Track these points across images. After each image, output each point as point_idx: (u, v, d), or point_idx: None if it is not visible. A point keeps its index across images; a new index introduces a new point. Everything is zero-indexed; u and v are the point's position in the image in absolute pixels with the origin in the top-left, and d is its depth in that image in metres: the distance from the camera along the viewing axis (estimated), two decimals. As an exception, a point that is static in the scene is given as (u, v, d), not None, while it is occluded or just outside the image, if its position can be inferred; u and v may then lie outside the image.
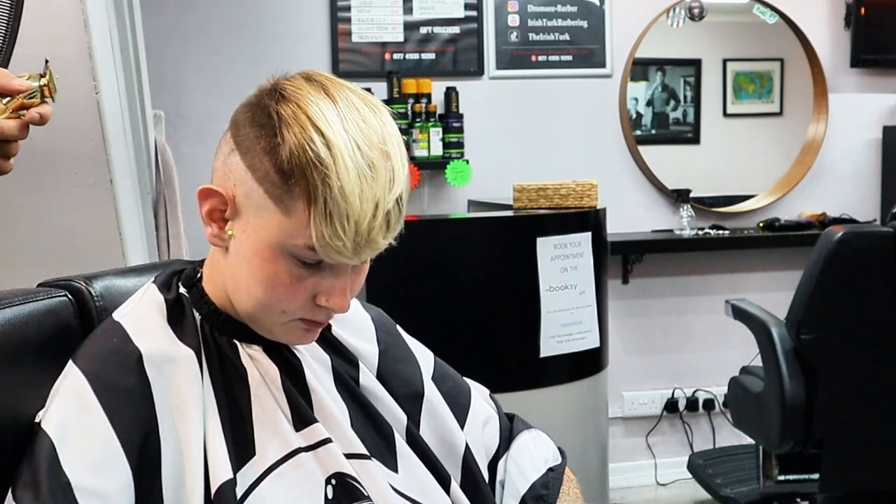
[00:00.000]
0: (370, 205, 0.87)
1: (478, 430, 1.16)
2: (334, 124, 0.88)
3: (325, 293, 0.94)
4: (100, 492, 0.86)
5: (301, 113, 0.88)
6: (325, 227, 0.87)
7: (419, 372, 1.13)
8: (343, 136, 0.87)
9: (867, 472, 2.64)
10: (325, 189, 0.86)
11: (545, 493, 1.14)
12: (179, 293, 1.01)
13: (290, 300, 0.93)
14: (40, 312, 0.97)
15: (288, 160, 0.87)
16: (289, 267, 0.92)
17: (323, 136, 0.87)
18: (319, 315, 0.96)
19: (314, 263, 0.92)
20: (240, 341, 0.99)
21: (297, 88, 0.91)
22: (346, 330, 1.10)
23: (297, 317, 0.96)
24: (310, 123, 0.87)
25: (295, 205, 0.88)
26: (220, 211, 0.94)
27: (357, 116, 0.90)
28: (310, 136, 0.87)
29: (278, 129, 0.88)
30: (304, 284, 0.93)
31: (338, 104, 0.90)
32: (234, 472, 0.92)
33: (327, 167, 0.86)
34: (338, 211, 0.86)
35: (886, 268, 2.49)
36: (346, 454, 0.99)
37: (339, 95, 0.91)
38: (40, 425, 0.89)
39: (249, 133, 0.91)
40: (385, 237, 0.90)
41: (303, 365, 1.02)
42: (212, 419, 0.94)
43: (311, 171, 0.86)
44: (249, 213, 0.92)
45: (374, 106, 0.92)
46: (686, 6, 3.67)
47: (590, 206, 2.66)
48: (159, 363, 0.94)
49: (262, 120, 0.90)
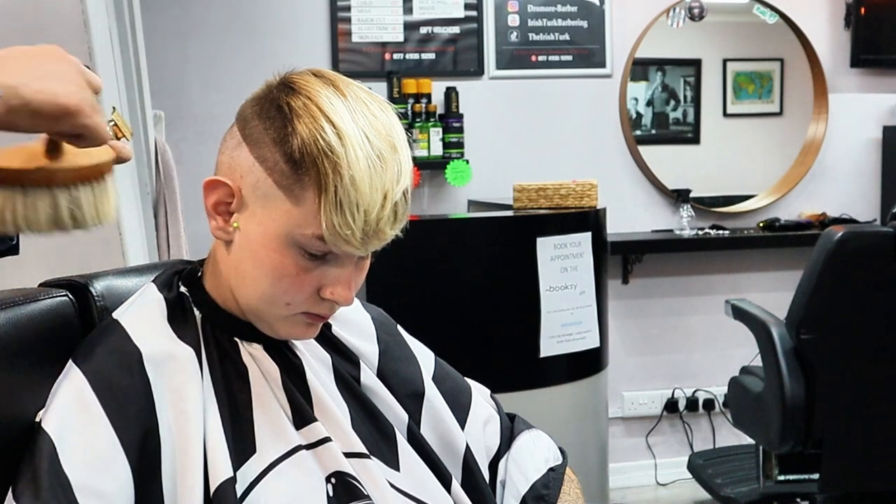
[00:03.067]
0: (379, 194, 0.89)
1: (478, 430, 1.16)
2: (344, 116, 0.89)
3: (330, 285, 0.94)
4: (100, 491, 0.86)
5: (312, 104, 0.90)
6: (335, 216, 0.88)
7: (419, 372, 1.13)
8: (353, 127, 0.89)
9: (867, 472, 2.64)
10: (336, 177, 0.87)
11: (546, 493, 1.15)
12: (180, 292, 1.01)
13: (296, 292, 0.94)
14: (41, 312, 0.97)
15: (299, 149, 0.88)
16: (296, 258, 0.92)
17: (334, 125, 0.88)
18: (323, 308, 0.97)
19: (320, 255, 0.92)
20: (240, 339, 1.00)
21: (307, 82, 0.92)
22: (346, 329, 1.10)
23: (301, 310, 0.96)
24: (321, 114, 0.89)
25: (305, 194, 0.89)
26: (226, 203, 0.95)
27: (366, 110, 0.91)
28: (321, 126, 0.88)
29: (290, 119, 0.90)
30: (310, 276, 0.93)
31: (346, 98, 0.91)
32: (235, 470, 0.92)
33: (338, 156, 0.87)
34: (348, 199, 0.87)
35: (886, 268, 2.49)
36: (346, 453, 0.99)
37: (348, 91, 0.92)
38: (41, 425, 0.89)
39: (258, 125, 0.92)
40: (392, 228, 0.92)
41: (303, 364, 1.02)
42: (212, 417, 0.94)
43: (322, 159, 0.87)
44: (257, 205, 0.93)
45: (381, 103, 0.94)
46: (686, 6, 3.67)
47: (590, 206, 2.67)
48: (159, 362, 0.94)
49: (272, 112, 0.91)
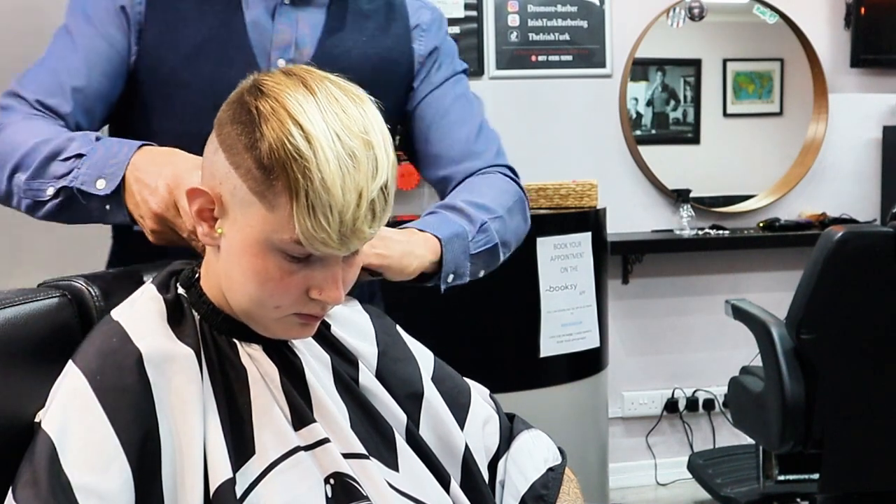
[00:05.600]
0: (353, 195, 0.87)
1: (478, 430, 1.16)
2: (313, 116, 0.87)
3: (317, 286, 0.93)
4: (100, 491, 0.86)
5: (280, 107, 0.88)
6: (308, 220, 0.87)
7: (418, 372, 1.13)
8: (322, 128, 0.87)
9: (867, 472, 2.64)
10: (305, 182, 0.86)
11: (545, 493, 1.15)
12: (178, 293, 1.01)
13: (283, 295, 0.93)
14: (40, 312, 0.97)
15: (268, 155, 0.87)
16: (278, 262, 0.91)
17: (302, 128, 0.86)
18: (314, 308, 0.96)
19: (303, 257, 0.91)
20: (239, 340, 1.00)
21: (276, 83, 0.90)
22: (345, 330, 1.10)
23: (291, 311, 0.95)
24: (288, 117, 0.87)
25: (278, 200, 0.88)
26: (209, 210, 0.95)
27: (337, 107, 0.89)
28: (288, 130, 0.86)
29: (258, 124, 0.88)
30: (295, 278, 0.92)
31: (317, 96, 0.89)
32: (234, 471, 0.92)
33: (307, 160, 0.86)
34: (320, 203, 0.86)
35: (886, 268, 2.49)
36: (345, 454, 0.99)
37: (319, 87, 0.90)
38: (41, 425, 0.89)
39: (231, 131, 0.91)
40: (371, 226, 0.90)
41: (303, 364, 1.02)
42: (211, 419, 0.94)
43: (290, 164, 0.86)
44: (236, 211, 0.92)
45: (356, 96, 0.92)
46: (686, 6, 3.67)
47: (590, 206, 2.67)
48: (159, 363, 0.94)
49: (243, 117, 0.90)
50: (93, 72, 1.28)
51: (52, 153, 1.16)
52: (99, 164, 1.13)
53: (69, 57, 1.28)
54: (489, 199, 1.33)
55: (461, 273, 1.26)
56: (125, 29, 1.30)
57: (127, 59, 1.30)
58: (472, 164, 1.41)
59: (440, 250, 1.21)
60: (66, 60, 1.28)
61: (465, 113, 1.45)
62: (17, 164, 1.17)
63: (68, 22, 1.32)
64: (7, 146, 1.19)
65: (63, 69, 1.27)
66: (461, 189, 1.37)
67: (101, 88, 1.29)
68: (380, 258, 1.12)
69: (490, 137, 1.46)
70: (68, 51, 1.28)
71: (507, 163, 1.45)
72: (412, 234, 1.20)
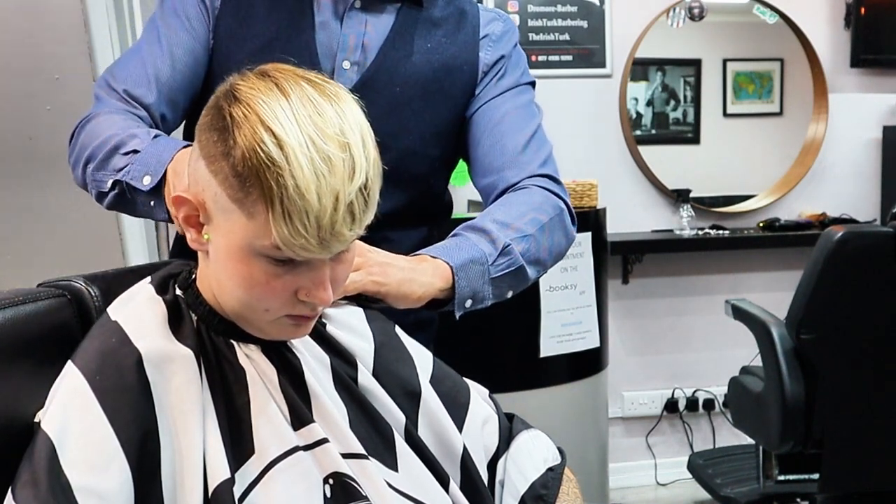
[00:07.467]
0: (329, 199, 0.86)
1: (477, 430, 1.16)
2: (286, 122, 0.86)
3: (304, 288, 0.93)
4: (99, 491, 0.86)
5: (252, 114, 0.87)
6: (285, 227, 0.86)
7: (416, 373, 1.13)
8: (295, 133, 0.86)
9: (867, 472, 2.64)
10: (280, 189, 0.85)
11: (544, 493, 1.14)
12: (176, 295, 1.01)
13: (271, 298, 0.93)
14: (40, 312, 0.97)
15: (242, 163, 0.86)
16: (263, 266, 0.91)
17: (274, 135, 0.85)
18: (304, 309, 0.96)
19: (288, 261, 0.91)
20: (237, 341, 1.00)
21: (250, 88, 0.89)
22: (343, 330, 1.10)
23: (281, 314, 0.95)
24: (260, 124, 0.86)
25: (255, 207, 0.87)
26: (195, 217, 0.94)
27: (312, 109, 0.88)
28: (260, 138, 0.85)
29: (231, 131, 0.87)
30: (282, 281, 0.92)
31: (290, 98, 0.88)
32: (233, 471, 0.92)
33: (280, 167, 0.84)
34: (296, 209, 0.85)
35: (886, 268, 2.49)
36: (344, 454, 0.99)
37: (293, 90, 0.89)
38: (40, 425, 0.89)
39: (209, 138, 0.90)
40: (351, 229, 0.89)
41: (302, 364, 1.02)
42: (210, 419, 0.94)
43: (264, 172, 0.85)
44: (219, 217, 0.91)
45: (333, 96, 0.90)
46: (686, 6, 3.67)
47: (590, 206, 2.67)
48: (158, 363, 0.94)
49: (219, 123, 0.89)
50: (177, 63, 1.32)
51: (115, 146, 1.20)
52: (148, 161, 1.16)
53: (155, 48, 1.32)
54: (520, 218, 1.30)
55: (480, 298, 1.24)
56: (206, 21, 1.34)
57: (208, 52, 1.35)
58: (512, 173, 1.38)
59: (451, 277, 1.20)
60: (152, 52, 1.32)
61: (521, 123, 1.43)
62: (89, 156, 1.22)
63: (157, 13, 1.37)
64: (88, 138, 1.24)
65: (150, 60, 1.31)
66: (496, 205, 1.34)
67: (185, 80, 1.33)
68: (376, 285, 1.12)
69: (539, 147, 1.43)
70: (155, 42, 1.33)
71: (552, 172, 1.41)
72: (421, 260, 1.19)
